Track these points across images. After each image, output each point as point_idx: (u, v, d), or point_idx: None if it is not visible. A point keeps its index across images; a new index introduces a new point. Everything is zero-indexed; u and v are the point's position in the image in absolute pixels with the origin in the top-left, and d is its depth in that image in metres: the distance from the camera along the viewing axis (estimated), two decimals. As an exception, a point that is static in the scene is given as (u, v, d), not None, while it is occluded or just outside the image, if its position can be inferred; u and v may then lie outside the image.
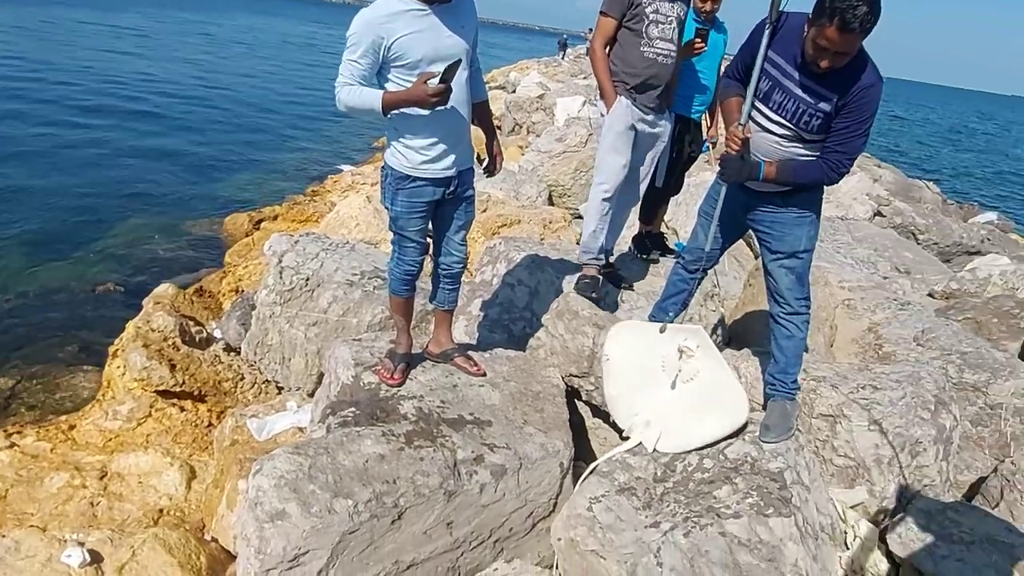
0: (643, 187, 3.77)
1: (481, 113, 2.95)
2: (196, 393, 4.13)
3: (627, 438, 2.93)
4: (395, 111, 2.55)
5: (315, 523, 2.07)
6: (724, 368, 2.93)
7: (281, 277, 4.06)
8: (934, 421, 3.02)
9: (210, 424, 3.95)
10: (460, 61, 2.48)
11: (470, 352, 3.21)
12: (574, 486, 2.83)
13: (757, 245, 2.91)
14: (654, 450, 2.83)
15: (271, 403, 3.83)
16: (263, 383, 4.31)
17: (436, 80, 2.44)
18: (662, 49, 3.38)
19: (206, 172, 10.24)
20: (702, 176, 6.76)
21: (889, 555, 2.75)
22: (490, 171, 3.03)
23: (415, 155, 2.67)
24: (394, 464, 2.35)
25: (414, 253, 2.86)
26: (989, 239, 8.09)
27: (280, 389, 4.24)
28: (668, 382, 2.91)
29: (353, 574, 2.18)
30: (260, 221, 7.72)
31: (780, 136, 2.54)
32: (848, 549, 2.79)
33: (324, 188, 9.36)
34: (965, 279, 5.42)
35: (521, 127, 12.34)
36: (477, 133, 2.96)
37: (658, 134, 3.59)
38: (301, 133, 13.69)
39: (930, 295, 5.52)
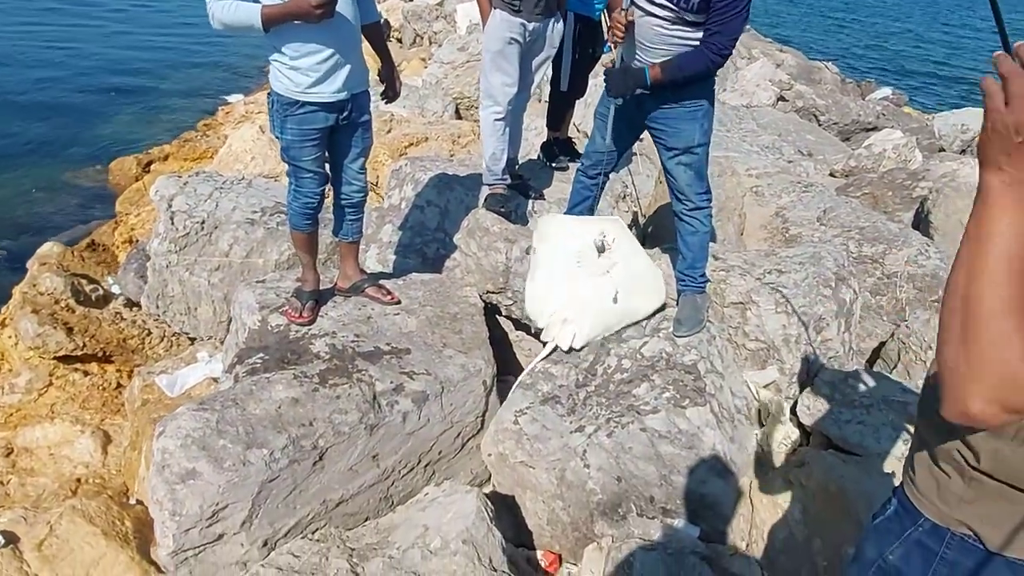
0: (534, 90, 3.64)
1: (373, 35, 2.77)
2: (100, 355, 3.92)
3: (544, 340, 2.94)
4: (276, 26, 2.34)
5: (230, 477, 2.01)
6: (640, 255, 2.93)
7: (173, 223, 3.81)
8: (835, 297, 3.15)
9: (119, 386, 3.77)
10: None
11: (382, 281, 3.12)
12: (500, 401, 2.85)
13: (656, 147, 2.88)
14: (570, 349, 2.85)
15: (181, 356, 3.67)
16: (172, 336, 4.11)
17: None
18: None
19: (84, 117, 9.40)
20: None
21: (800, 426, 2.91)
22: (388, 97, 2.88)
23: (302, 77, 2.46)
24: (309, 406, 2.29)
25: (312, 184, 2.69)
26: (884, 114, 8.36)
27: (192, 340, 4.07)
28: (585, 277, 2.88)
29: (279, 520, 2.15)
30: (150, 163, 7.20)
31: (662, 19, 2.47)
32: (763, 426, 2.94)
33: (216, 121, 8.76)
34: (862, 156, 5.60)
35: (422, 38, 11.78)
36: (371, 52, 2.78)
37: (547, 40, 3.43)
38: (186, 63, 12.64)
39: (831, 175, 5.70)
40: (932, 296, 3.67)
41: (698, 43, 2.46)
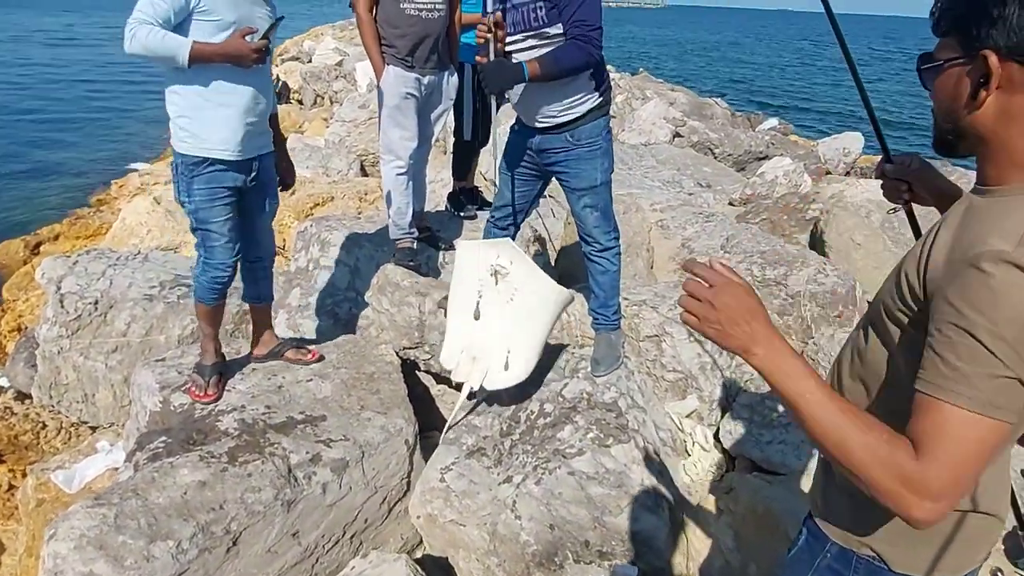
0: (434, 142, 3.67)
1: (271, 124, 2.73)
2: (-12, 455, 3.60)
3: (457, 382, 2.80)
4: (201, 65, 2.27)
5: (132, 577, 1.85)
6: (537, 276, 2.74)
7: (63, 306, 3.58)
8: (744, 321, 3.25)
9: (11, 487, 3.46)
10: (281, 19, 2.38)
11: (298, 343, 3.04)
12: (425, 460, 2.76)
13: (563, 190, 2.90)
14: (480, 388, 2.72)
15: (79, 448, 3.41)
16: (70, 427, 3.82)
17: (256, 37, 2.30)
18: (424, 3, 3.24)
19: (-38, 200, 8.85)
20: (510, 123, 6.78)
21: (725, 452, 2.96)
22: (287, 185, 2.86)
23: (211, 132, 2.38)
24: (218, 488, 2.15)
25: (223, 255, 2.54)
26: (773, 143, 8.85)
27: (93, 429, 3.79)
28: (487, 311, 2.74)
29: (193, 617, 1.99)
30: (39, 244, 6.79)
31: (530, 48, 2.51)
32: (689, 455, 2.96)
33: (111, 195, 8.39)
34: (756, 184, 5.88)
35: (322, 97, 11.76)
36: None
37: (443, 93, 3.48)
38: (76, 133, 12.10)
39: (730, 203, 5.95)
40: (834, 311, 3.85)
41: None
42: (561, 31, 2.45)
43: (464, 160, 4.29)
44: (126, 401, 3.58)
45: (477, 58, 2.51)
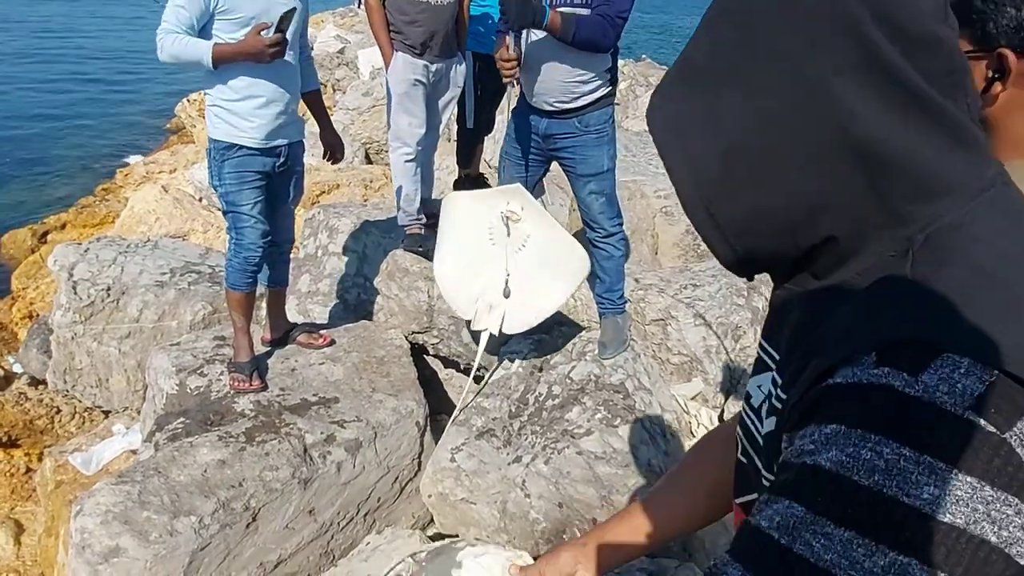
0: (442, 129, 3.71)
1: (313, 102, 2.86)
2: (5, 440, 3.67)
3: (476, 330, 2.83)
4: (225, 65, 2.36)
5: (157, 550, 1.91)
6: (552, 225, 2.74)
7: (76, 292, 3.63)
8: (748, 305, 3.30)
9: (29, 470, 3.53)
10: (295, 9, 2.39)
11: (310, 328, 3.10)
12: (435, 442, 2.83)
13: (567, 177, 2.95)
14: (500, 332, 2.71)
15: (95, 432, 3.48)
16: (84, 411, 3.89)
17: (271, 31, 2.31)
18: None
19: (-34, 190, 8.89)
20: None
21: (729, 433, 3.01)
22: (336, 159, 3.05)
23: (241, 120, 2.48)
24: (237, 466, 2.21)
25: (253, 235, 2.62)
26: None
27: (106, 413, 3.86)
28: (500, 255, 2.73)
29: (214, 590, 2.06)
30: (46, 234, 6.84)
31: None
32: (694, 436, 3.02)
33: (115, 184, 8.42)
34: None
35: (325, 86, 11.77)
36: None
37: (450, 80, 3.51)
38: (80, 123, 12.10)
39: (733, 190, 5.98)
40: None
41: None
42: (588, 13, 2.48)
43: (468, 148, 4.31)
44: (139, 386, 3.65)
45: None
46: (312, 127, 3.17)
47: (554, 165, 2.95)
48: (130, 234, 5.05)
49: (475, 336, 2.91)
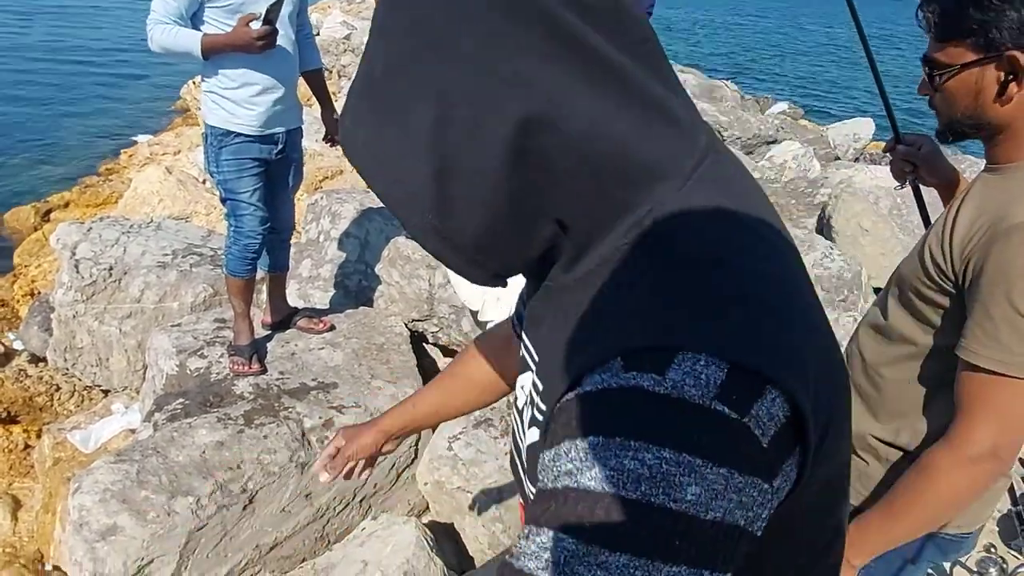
0: None
1: (314, 82, 2.85)
2: (4, 415, 3.68)
3: (483, 320, 2.85)
4: (216, 55, 2.34)
5: (154, 529, 1.92)
6: None
7: (78, 271, 3.63)
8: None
9: (27, 447, 3.54)
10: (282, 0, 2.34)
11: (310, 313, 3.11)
12: (433, 429, 2.83)
13: None
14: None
15: (94, 410, 3.49)
16: (84, 389, 3.90)
17: (259, 22, 2.28)
18: None
19: (-30, 166, 8.87)
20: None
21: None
22: (336, 141, 2.94)
23: (237, 108, 2.46)
24: (236, 449, 2.22)
25: (253, 221, 2.62)
26: (783, 127, 8.84)
27: (105, 392, 3.87)
28: None
29: (210, 570, 2.07)
30: (49, 212, 6.83)
31: None
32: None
33: (119, 164, 8.40)
34: (765, 168, 5.90)
35: (331, 72, 11.73)
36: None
37: None
38: (84, 102, 12.06)
39: (738, 186, 5.97)
40: (839, 296, 3.89)
41: None
42: None
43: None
44: (139, 366, 3.65)
45: None
46: (313, 111, 3.17)
47: None
48: (133, 214, 5.06)
49: (481, 326, 2.92)
